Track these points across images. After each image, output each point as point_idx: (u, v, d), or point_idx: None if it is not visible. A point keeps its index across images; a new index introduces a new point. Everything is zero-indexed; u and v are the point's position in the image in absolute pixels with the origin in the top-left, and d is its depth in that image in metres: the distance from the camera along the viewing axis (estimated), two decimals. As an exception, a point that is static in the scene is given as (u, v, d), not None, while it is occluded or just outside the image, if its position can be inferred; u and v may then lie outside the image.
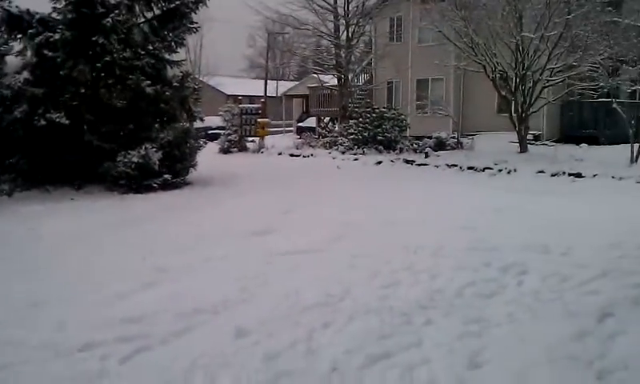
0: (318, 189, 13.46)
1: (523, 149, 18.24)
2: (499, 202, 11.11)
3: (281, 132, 38.60)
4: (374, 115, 20.80)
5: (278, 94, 48.19)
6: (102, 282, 6.40)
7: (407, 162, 17.97)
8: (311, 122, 34.55)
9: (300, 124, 37.13)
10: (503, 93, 18.62)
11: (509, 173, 15.21)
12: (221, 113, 24.50)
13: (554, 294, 5.84)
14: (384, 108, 21.99)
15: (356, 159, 19.18)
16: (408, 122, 21.87)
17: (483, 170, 15.70)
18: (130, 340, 4.83)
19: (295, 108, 44.18)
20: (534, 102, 18.04)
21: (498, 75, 18.15)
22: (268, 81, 52.40)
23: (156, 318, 5.31)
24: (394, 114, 21.26)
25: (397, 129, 20.89)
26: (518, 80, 17.82)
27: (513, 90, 18.05)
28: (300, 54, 29.80)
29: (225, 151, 23.33)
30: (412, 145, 20.64)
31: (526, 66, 17.48)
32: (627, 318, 5.04)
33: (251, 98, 38.35)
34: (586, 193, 12.24)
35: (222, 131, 24.51)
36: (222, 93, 51.27)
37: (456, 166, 16.53)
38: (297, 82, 46.12)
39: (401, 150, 20.14)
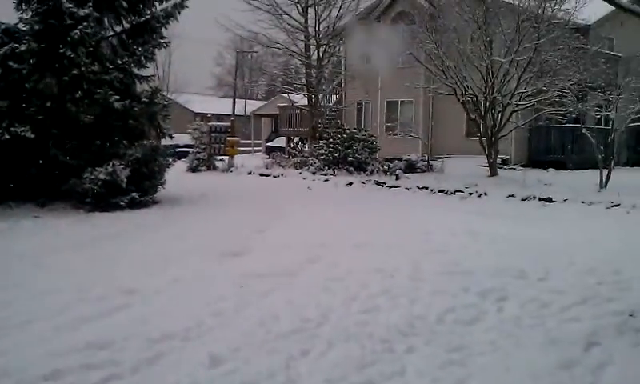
0: (289, 210, 13.27)
1: (493, 172, 18.35)
2: (472, 225, 11.07)
3: (250, 151, 38.41)
4: (344, 136, 20.75)
5: (247, 113, 48.04)
6: (66, 305, 6.10)
7: (378, 183, 17.91)
8: (280, 141, 34.47)
9: (269, 143, 37.05)
10: (473, 116, 18.75)
11: (479, 196, 15.24)
12: (189, 130, 24.20)
13: (535, 320, 5.74)
14: (354, 129, 21.98)
15: (327, 180, 19.07)
16: (378, 143, 21.86)
17: (454, 193, 15.70)
18: (98, 367, 4.57)
19: (264, 127, 44.12)
20: (503, 125, 18.19)
21: (468, 99, 18.26)
22: (236, 99, 52.21)
23: (125, 344, 5.04)
24: (364, 135, 21.25)
25: (367, 150, 20.87)
26: (487, 104, 17.96)
27: (483, 113, 18.17)
28: (270, 73, 29.73)
29: (193, 170, 23.01)
30: (382, 166, 20.62)
31: (495, 89, 17.63)
32: (613, 347, 4.94)
33: (219, 117, 38.08)
34: (557, 218, 12.28)
35: (190, 149, 24.23)
36: (190, 110, 50.90)
37: (427, 188, 16.52)
38: (266, 102, 46.10)
39: (371, 172, 20.10)
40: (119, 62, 14.58)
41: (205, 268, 7.83)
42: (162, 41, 15.32)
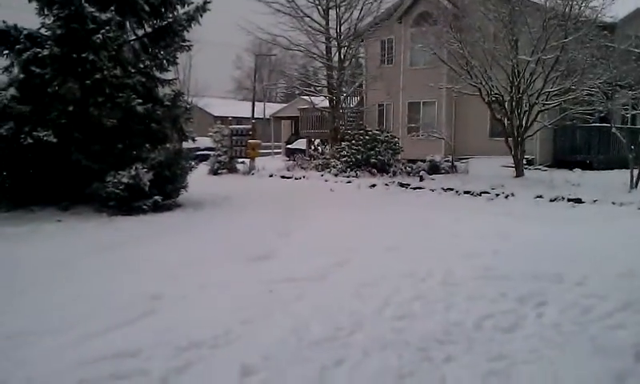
0: (313, 212, 13.07)
1: (519, 173, 18.00)
2: (501, 228, 10.79)
3: (269, 154, 38.36)
4: (367, 138, 20.52)
5: (266, 116, 48.00)
6: (92, 311, 5.97)
7: (402, 185, 17.65)
8: (300, 143, 34.29)
9: (289, 146, 36.88)
10: (499, 116, 18.41)
11: (506, 197, 14.93)
12: (210, 133, 24.12)
13: (577, 327, 5.49)
14: (377, 130, 21.73)
15: (349, 182, 18.85)
16: (401, 145, 21.61)
17: (480, 195, 15.40)
18: (126, 377, 4.42)
19: (284, 130, 44.04)
20: (530, 125, 17.85)
21: (493, 98, 17.94)
22: (255, 102, 52.23)
23: (153, 352, 4.88)
24: (387, 136, 21.00)
25: (390, 151, 20.62)
26: (513, 103, 17.62)
27: (509, 113, 17.84)
28: (291, 75, 29.62)
29: (214, 172, 22.92)
30: (405, 168, 20.35)
31: (522, 89, 17.30)
32: (666, 356, 4.69)
33: (238, 120, 37.95)
34: (588, 219, 11.94)
35: (210, 152, 24.13)
36: (210, 114, 50.94)
37: (452, 189, 16.23)
38: (284, 104, 46.05)
39: (394, 173, 19.84)
40: (141, 65, 14.53)
41: (231, 272, 7.67)
42: (185, 44, 15.26)
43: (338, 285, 6.95)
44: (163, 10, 14.90)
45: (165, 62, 14.96)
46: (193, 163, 14.56)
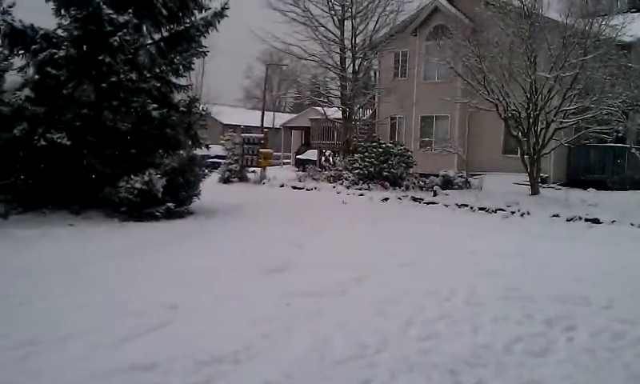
0: (326, 224, 12.90)
1: (535, 191, 17.76)
2: (519, 246, 10.59)
3: (279, 164, 38.21)
4: (379, 150, 20.33)
5: (276, 126, 47.91)
6: (105, 320, 5.80)
7: (415, 199, 17.44)
8: (310, 154, 34.14)
9: (299, 156, 36.73)
10: (515, 133, 18.19)
11: (522, 216, 14.68)
12: (222, 141, 24.00)
13: (610, 353, 5.28)
14: (390, 143, 21.54)
15: (361, 194, 18.66)
16: (414, 158, 21.41)
17: (495, 212, 15.17)
18: (143, 392, 4.23)
19: (294, 140, 43.92)
20: (546, 143, 17.62)
21: (510, 114, 17.74)
22: (265, 111, 52.23)
23: (171, 366, 4.71)
24: (400, 149, 20.80)
25: (403, 165, 20.42)
26: (530, 120, 17.40)
27: (525, 130, 17.62)
28: (304, 85, 29.55)
29: (225, 181, 22.76)
30: (418, 182, 20.15)
31: (539, 106, 17.09)
32: None
33: (247, 129, 37.96)
34: (607, 240, 11.69)
35: (221, 160, 23.99)
36: (219, 122, 50.87)
37: (466, 205, 16.00)
38: (294, 114, 45.98)
39: (407, 187, 19.63)
40: (157, 70, 14.37)
41: (247, 284, 7.49)
42: (201, 50, 15.14)
43: (358, 300, 6.75)
44: (181, 14, 14.79)
45: (181, 67, 14.81)
46: (206, 171, 14.39)
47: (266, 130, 27.17)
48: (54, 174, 12.79)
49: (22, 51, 13.56)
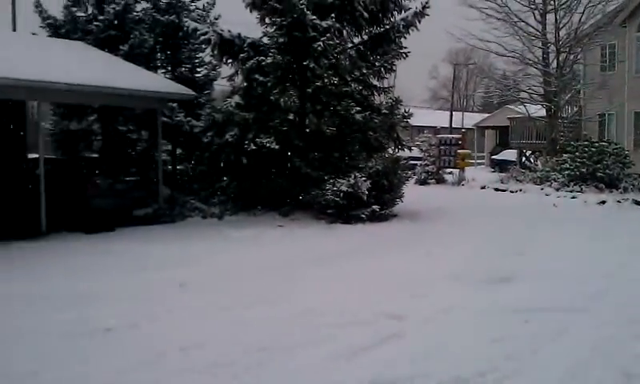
0: (541, 228, 11.97)
1: None
2: None
3: (472, 164, 36.97)
4: (592, 150, 18.63)
5: (465, 126, 46.55)
6: (340, 328, 5.56)
7: (637, 202, 15.68)
8: (507, 154, 32.51)
9: (494, 157, 35.21)
10: None
11: None
12: (418, 143, 23.62)
13: None
14: (604, 142, 19.68)
15: (574, 197, 17.20)
16: (630, 158, 19.36)
17: None
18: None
19: (487, 140, 42.40)
20: None
21: None
22: (453, 112, 51.21)
23: (414, 386, 4.31)
24: (615, 148, 18.92)
25: (619, 165, 18.53)
26: None
27: None
28: (498, 82, 28.20)
29: (422, 182, 22.32)
30: (638, 184, 18.14)
31: None
32: None
33: (435, 130, 37.32)
34: None
35: (416, 162, 23.55)
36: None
37: None
38: (484, 114, 44.46)
39: (625, 189, 17.76)
40: (357, 73, 14.31)
41: (469, 294, 6.95)
42: (402, 51, 14.81)
43: (610, 320, 5.89)
44: (381, 16, 14.62)
45: (382, 69, 14.63)
46: (409, 173, 14.05)
47: (463, 130, 26.27)
48: (262, 176, 13.23)
49: (230, 60, 14.21)
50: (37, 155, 11.36)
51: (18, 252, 9.30)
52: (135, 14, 15.34)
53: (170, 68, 15.83)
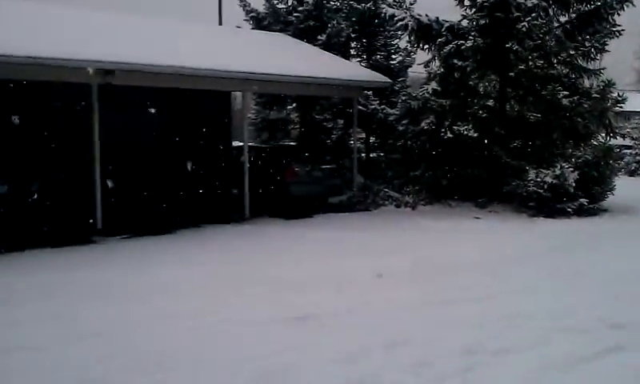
0: None
1: None
2: None
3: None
4: None
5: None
6: (545, 334, 5.10)
7: None
8: None
9: None
10: None
11: None
12: (628, 130, 21.56)
13: None
14: None
15: None
16: None
17: None
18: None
19: None
20: None
21: None
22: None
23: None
24: None
25: None
26: None
27: None
28: None
29: (631, 173, 20.35)
30: None
31: None
32: None
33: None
34: None
35: (627, 150, 21.54)
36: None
37: None
38: None
39: None
40: (564, 54, 13.29)
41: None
42: (615, 29, 13.53)
43: None
44: (591, -9, 13.46)
45: (592, 50, 13.47)
46: (622, 163, 12.84)
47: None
48: (458, 166, 12.82)
49: (427, 46, 13.93)
50: (241, 143, 11.96)
51: (222, 235, 9.88)
52: (332, 3, 15.66)
53: (365, 56, 15.96)
